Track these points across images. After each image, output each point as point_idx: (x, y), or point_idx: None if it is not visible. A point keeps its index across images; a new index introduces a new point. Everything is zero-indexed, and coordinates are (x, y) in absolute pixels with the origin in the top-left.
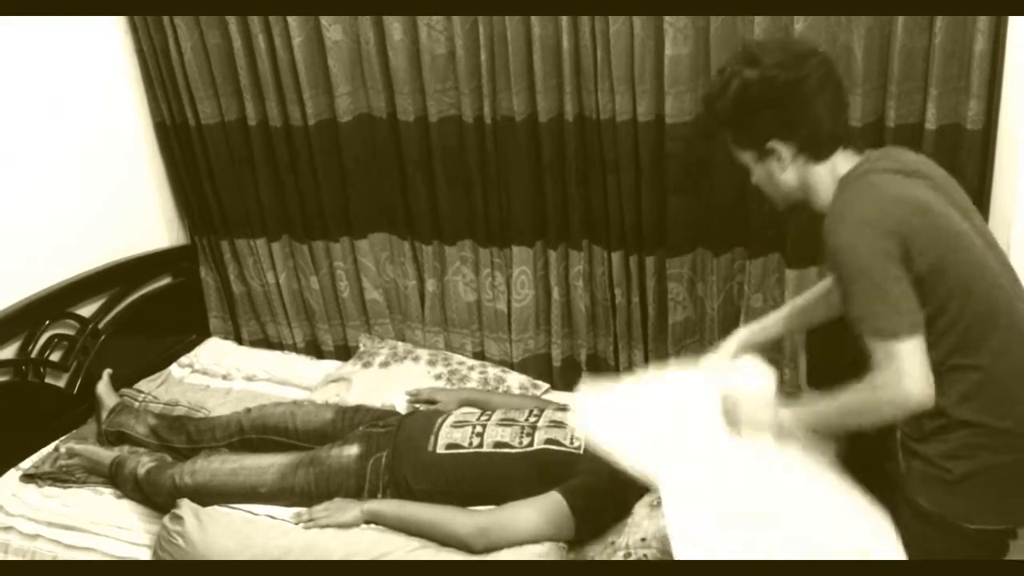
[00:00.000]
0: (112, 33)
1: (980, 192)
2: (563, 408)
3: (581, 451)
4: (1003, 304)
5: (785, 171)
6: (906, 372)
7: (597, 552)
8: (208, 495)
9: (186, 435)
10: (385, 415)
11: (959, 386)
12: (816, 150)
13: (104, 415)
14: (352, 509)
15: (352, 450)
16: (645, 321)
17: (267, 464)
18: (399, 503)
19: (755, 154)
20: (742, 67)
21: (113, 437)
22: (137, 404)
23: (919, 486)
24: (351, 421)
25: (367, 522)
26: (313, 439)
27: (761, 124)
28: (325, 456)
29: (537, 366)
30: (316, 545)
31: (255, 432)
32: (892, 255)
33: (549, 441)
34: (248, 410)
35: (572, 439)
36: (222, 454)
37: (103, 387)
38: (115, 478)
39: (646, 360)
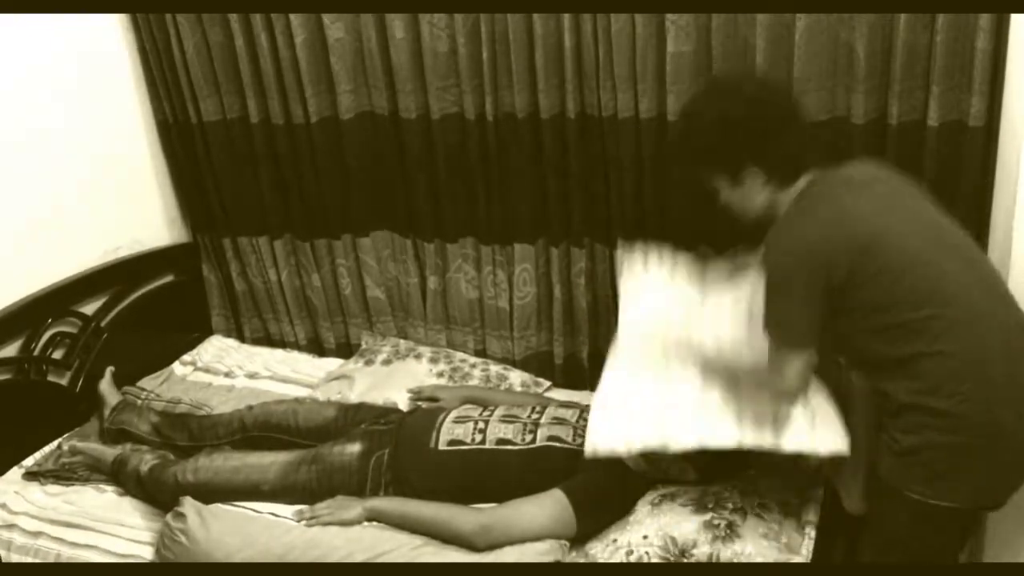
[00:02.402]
0: (114, 31)
1: (982, 189)
2: (566, 405)
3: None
4: (950, 295)
5: (758, 194)
6: (785, 376)
7: (599, 549)
8: (210, 493)
9: (188, 433)
10: (387, 412)
11: (912, 371)
12: (784, 176)
13: (106, 413)
14: (354, 507)
15: (354, 448)
16: None
17: (269, 462)
18: (401, 501)
19: (729, 179)
20: (719, 98)
21: (115, 435)
22: (139, 402)
23: (879, 455)
24: (353, 419)
25: (369, 520)
26: (315, 436)
27: (740, 150)
28: (327, 454)
29: (539, 364)
30: (318, 543)
31: (257, 429)
32: (810, 281)
33: (552, 438)
34: (250, 407)
35: (575, 436)
36: (224, 452)
37: (105, 385)
38: (117, 476)
39: None
